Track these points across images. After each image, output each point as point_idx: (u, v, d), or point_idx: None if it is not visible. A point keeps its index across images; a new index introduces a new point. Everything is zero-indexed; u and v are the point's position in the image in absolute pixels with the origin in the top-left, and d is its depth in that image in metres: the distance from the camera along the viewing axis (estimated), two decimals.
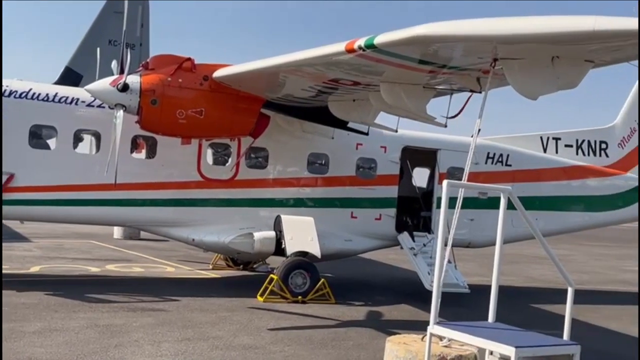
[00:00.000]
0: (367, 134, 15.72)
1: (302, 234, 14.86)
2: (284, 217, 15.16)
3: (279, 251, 15.06)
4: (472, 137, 9.44)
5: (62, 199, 14.48)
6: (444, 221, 7.46)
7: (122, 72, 13.82)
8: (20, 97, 14.33)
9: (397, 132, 15.10)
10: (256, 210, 15.59)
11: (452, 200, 7.60)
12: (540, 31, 7.98)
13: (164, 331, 10.79)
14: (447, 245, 7.97)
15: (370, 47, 9.59)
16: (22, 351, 9.04)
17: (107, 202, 14.66)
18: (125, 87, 13.11)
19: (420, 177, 18.29)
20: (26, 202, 14.19)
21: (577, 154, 19.19)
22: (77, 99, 14.70)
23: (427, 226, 16.96)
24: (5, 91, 14.20)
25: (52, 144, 14.78)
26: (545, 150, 18.97)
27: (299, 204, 15.95)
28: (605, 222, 19.67)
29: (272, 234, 15.16)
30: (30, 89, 14.45)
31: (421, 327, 8.54)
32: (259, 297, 14.13)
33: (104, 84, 13.45)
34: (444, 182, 7.43)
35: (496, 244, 7.88)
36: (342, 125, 15.13)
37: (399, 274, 20.81)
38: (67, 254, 20.17)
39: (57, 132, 14.58)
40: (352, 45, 9.90)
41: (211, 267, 18.89)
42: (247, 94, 13.82)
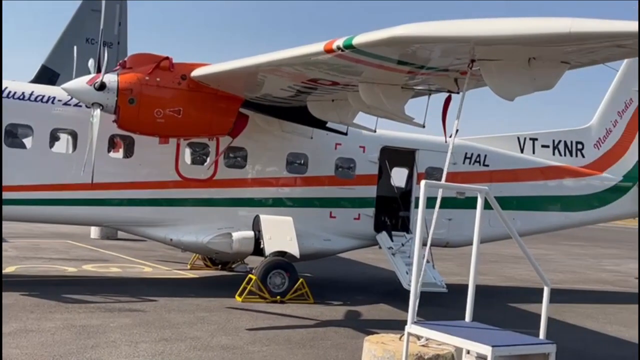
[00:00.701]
0: (346, 134, 15.77)
1: (281, 233, 14.85)
2: (263, 217, 15.14)
3: (258, 251, 15.02)
4: (450, 137, 9.50)
5: (38, 198, 14.33)
6: (422, 221, 7.49)
7: (99, 70, 13.73)
8: None
9: (375, 132, 15.17)
10: (235, 210, 15.55)
11: (430, 200, 7.62)
12: (517, 33, 8.05)
13: (141, 332, 10.73)
14: (425, 244, 8.00)
15: (348, 47, 9.63)
16: None
17: (83, 202, 14.53)
18: (102, 86, 13.01)
19: (398, 177, 18.35)
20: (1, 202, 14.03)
21: (553, 154, 19.38)
22: (54, 98, 14.55)
23: (405, 226, 17.04)
24: None
25: (28, 143, 14.60)
26: (522, 150, 19.13)
27: (277, 203, 15.94)
28: (581, 222, 19.92)
29: (251, 233, 15.13)
30: (5, 88, 14.26)
31: (399, 326, 8.59)
32: (237, 297, 14.10)
33: (81, 83, 13.33)
34: (422, 183, 7.44)
35: (473, 243, 7.94)
36: (321, 125, 15.16)
37: (377, 274, 20.87)
38: (43, 254, 19.99)
39: (33, 131, 14.41)
40: (330, 45, 9.93)
41: (189, 267, 18.81)
42: (225, 93, 13.78)
